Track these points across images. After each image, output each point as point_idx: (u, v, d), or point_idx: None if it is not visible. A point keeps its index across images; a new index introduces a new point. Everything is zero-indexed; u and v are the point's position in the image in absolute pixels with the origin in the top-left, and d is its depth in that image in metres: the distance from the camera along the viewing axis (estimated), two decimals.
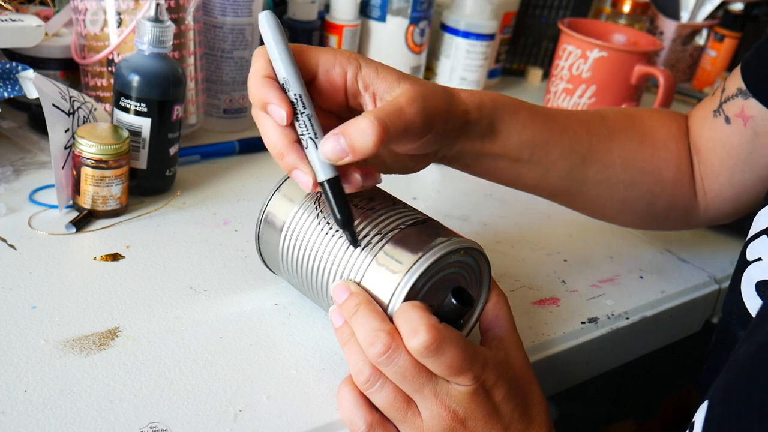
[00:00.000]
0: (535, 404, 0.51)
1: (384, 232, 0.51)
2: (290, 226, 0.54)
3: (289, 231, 0.54)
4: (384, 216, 0.52)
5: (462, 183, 0.87)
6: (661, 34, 1.29)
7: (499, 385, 0.49)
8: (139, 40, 0.67)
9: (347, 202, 0.49)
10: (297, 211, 0.54)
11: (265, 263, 0.59)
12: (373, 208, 0.52)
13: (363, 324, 0.48)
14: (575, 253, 0.75)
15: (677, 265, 0.77)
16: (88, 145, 0.64)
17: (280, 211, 0.55)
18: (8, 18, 0.70)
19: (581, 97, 1.08)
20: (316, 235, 0.53)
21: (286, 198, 0.55)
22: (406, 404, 0.48)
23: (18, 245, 0.62)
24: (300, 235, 0.54)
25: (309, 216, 0.54)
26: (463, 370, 0.47)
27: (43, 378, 0.49)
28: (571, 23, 1.10)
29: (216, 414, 0.48)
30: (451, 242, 0.50)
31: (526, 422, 0.50)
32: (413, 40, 1.05)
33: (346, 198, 0.49)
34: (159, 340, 0.54)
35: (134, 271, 0.61)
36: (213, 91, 0.87)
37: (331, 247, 0.52)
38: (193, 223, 0.70)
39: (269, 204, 0.56)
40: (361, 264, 0.50)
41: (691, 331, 0.77)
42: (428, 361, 0.46)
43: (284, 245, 0.55)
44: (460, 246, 0.50)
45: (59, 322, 0.54)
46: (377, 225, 0.51)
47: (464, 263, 0.52)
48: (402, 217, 0.52)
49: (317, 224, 0.53)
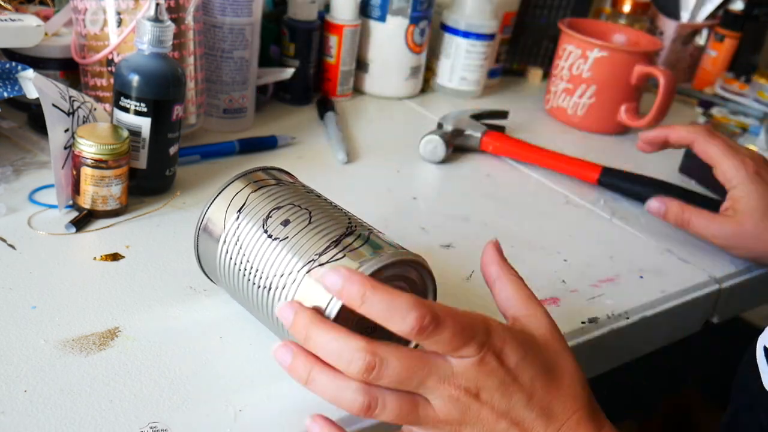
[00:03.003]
0: (564, 373, 0.48)
1: (295, 268, 0.49)
2: (228, 234, 0.53)
3: (227, 239, 0.53)
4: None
5: (462, 183, 0.87)
6: (661, 34, 1.29)
7: (510, 349, 0.46)
8: (139, 39, 0.67)
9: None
10: (237, 218, 0.53)
11: (205, 273, 0.58)
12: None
13: (325, 343, 0.44)
14: (575, 253, 0.75)
15: (677, 265, 0.77)
16: (88, 145, 0.64)
17: (219, 218, 0.54)
18: (8, 18, 0.70)
19: (581, 97, 1.08)
20: (254, 242, 0.51)
21: (227, 203, 0.54)
22: (415, 405, 0.45)
23: (18, 245, 0.62)
24: (239, 244, 0.52)
25: (250, 223, 0.52)
26: (466, 338, 0.44)
27: (43, 378, 0.49)
28: (571, 23, 1.10)
29: (216, 414, 0.48)
30: (393, 254, 0.48)
31: (554, 392, 0.47)
32: (413, 40, 1.05)
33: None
34: (159, 339, 0.54)
35: (134, 271, 0.61)
36: (213, 91, 0.87)
37: (269, 254, 0.50)
38: (192, 222, 0.69)
39: (208, 210, 0.55)
40: (298, 271, 0.49)
41: (692, 331, 0.77)
42: (428, 341, 0.43)
43: (221, 254, 0.53)
44: (402, 258, 0.48)
45: (59, 322, 0.54)
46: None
47: (406, 278, 0.50)
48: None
49: (258, 232, 0.51)
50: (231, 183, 0.55)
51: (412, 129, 0.98)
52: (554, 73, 1.11)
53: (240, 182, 0.55)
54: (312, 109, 1.00)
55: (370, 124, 1.00)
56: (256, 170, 0.56)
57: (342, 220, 0.51)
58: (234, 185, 0.55)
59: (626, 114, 1.07)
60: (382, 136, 0.97)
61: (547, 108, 1.13)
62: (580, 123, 1.09)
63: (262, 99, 0.97)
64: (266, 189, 0.54)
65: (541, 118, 1.12)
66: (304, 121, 0.97)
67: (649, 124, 1.04)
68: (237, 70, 0.87)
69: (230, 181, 0.55)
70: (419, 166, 0.89)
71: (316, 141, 0.91)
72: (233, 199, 0.54)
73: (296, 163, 0.85)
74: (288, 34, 0.98)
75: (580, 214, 0.85)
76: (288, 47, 0.98)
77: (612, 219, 0.84)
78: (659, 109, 1.02)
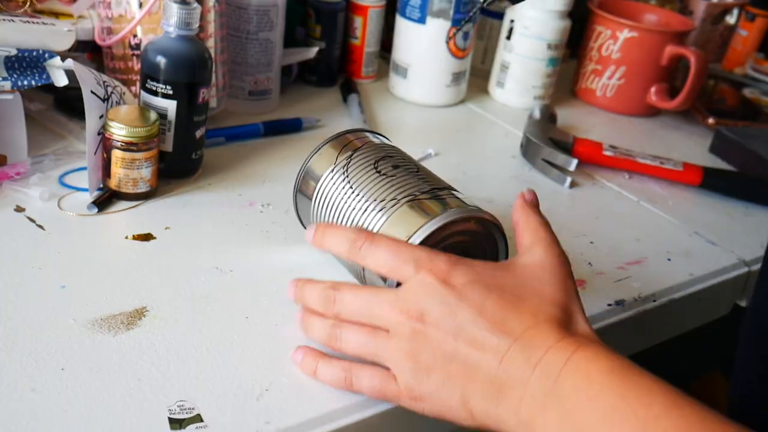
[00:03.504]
0: (532, 296, 0.47)
1: (399, 197, 0.55)
2: (320, 187, 0.60)
3: (320, 192, 0.60)
4: (403, 182, 0.56)
5: (486, 163, 0.87)
6: (691, 13, 1.27)
7: (459, 272, 0.47)
8: (165, 22, 0.67)
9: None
10: (328, 173, 0.60)
11: (302, 222, 0.64)
12: (394, 175, 0.57)
13: (307, 288, 0.52)
14: (602, 235, 0.75)
15: (706, 248, 0.76)
16: (118, 128, 0.65)
17: (315, 173, 0.61)
18: (41, 21, 0.71)
19: (610, 78, 1.06)
20: (341, 195, 0.58)
21: (323, 159, 0.61)
22: (372, 336, 0.49)
23: (47, 226, 0.63)
24: (328, 196, 0.59)
25: (361, 161, 0.59)
26: (401, 259, 0.48)
27: (72, 356, 0.50)
28: (601, 3, 1.09)
29: (242, 393, 0.49)
30: (460, 210, 0.53)
31: (509, 308, 0.46)
32: (456, 43, 0.97)
33: None
34: (186, 319, 0.55)
35: (161, 252, 0.62)
36: (238, 72, 0.87)
37: (351, 207, 0.57)
38: (218, 204, 0.70)
39: (307, 165, 0.61)
40: (375, 225, 0.55)
41: (720, 314, 0.76)
42: (364, 260, 0.50)
43: (315, 205, 0.60)
44: (470, 215, 0.53)
45: (88, 302, 0.55)
46: (395, 190, 0.55)
47: (476, 233, 0.55)
48: (420, 184, 0.56)
49: (343, 186, 0.58)
50: (345, 133, 0.62)
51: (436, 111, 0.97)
52: (583, 53, 1.09)
53: (353, 135, 0.62)
54: (337, 91, 1.00)
55: (394, 105, 1.00)
56: (366, 130, 0.64)
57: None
58: (346, 136, 0.62)
59: (656, 95, 1.05)
60: (407, 117, 0.97)
61: (575, 89, 1.12)
62: (609, 104, 1.08)
63: (287, 81, 0.97)
64: (380, 141, 0.63)
65: (569, 100, 1.11)
66: (329, 103, 0.97)
67: (680, 106, 1.03)
68: (262, 51, 0.87)
69: (344, 132, 0.63)
70: (441, 147, 0.89)
71: (340, 123, 0.91)
72: (346, 145, 0.61)
73: None
74: (314, 16, 0.97)
75: (607, 195, 0.84)
76: (314, 29, 0.98)
77: (639, 201, 0.83)
78: (690, 91, 1.01)
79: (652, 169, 0.87)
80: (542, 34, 0.99)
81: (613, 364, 0.43)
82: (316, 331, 0.52)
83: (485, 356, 0.45)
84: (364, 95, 1.00)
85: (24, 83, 0.67)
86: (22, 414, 0.45)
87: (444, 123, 0.97)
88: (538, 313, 0.46)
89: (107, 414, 0.46)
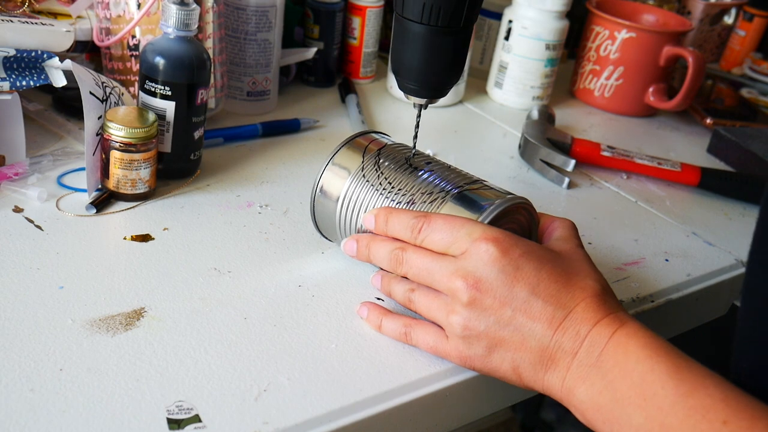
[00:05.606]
0: (576, 270, 0.50)
1: (447, 189, 0.57)
2: (348, 190, 0.60)
3: (347, 195, 0.60)
4: (444, 176, 0.58)
5: (486, 164, 0.87)
6: (689, 13, 1.27)
7: (514, 243, 0.49)
8: (164, 23, 0.67)
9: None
10: (353, 179, 0.60)
11: (321, 232, 0.64)
12: (432, 170, 0.59)
13: (377, 248, 0.55)
14: (600, 236, 0.75)
15: (703, 248, 0.76)
16: (117, 129, 0.65)
17: (336, 181, 0.60)
18: (39, 21, 0.71)
19: (608, 78, 1.06)
20: (376, 195, 0.59)
21: (340, 167, 0.61)
22: (437, 298, 0.51)
23: (45, 226, 0.63)
24: (359, 198, 0.59)
25: (366, 182, 0.59)
26: (456, 232, 0.50)
27: (70, 357, 0.50)
28: (599, 3, 1.09)
29: (240, 394, 0.49)
30: (517, 198, 0.56)
31: (561, 281, 0.49)
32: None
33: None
34: (184, 320, 0.55)
35: (159, 253, 0.62)
36: (236, 73, 0.87)
37: (395, 204, 0.58)
38: (217, 205, 0.70)
39: (323, 176, 0.61)
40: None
41: (717, 314, 0.76)
42: (423, 238, 0.52)
43: (341, 209, 0.60)
44: (524, 203, 0.56)
45: (86, 302, 0.55)
46: (441, 183, 0.57)
47: (521, 223, 0.57)
48: (461, 177, 0.58)
49: (379, 185, 0.59)
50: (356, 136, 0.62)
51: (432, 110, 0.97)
52: (581, 53, 1.10)
53: (363, 138, 0.63)
54: (335, 92, 1.00)
55: (393, 105, 1.00)
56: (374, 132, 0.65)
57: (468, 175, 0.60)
58: (358, 140, 0.62)
59: (654, 96, 1.06)
60: (405, 117, 0.97)
61: (573, 89, 1.12)
62: (607, 105, 1.08)
63: (285, 81, 0.97)
64: (392, 141, 0.64)
65: (567, 100, 1.11)
66: (327, 103, 0.97)
67: (678, 106, 1.03)
68: (260, 52, 0.87)
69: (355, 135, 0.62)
70: (439, 147, 0.89)
71: (339, 123, 0.91)
72: (366, 146, 0.61)
73: (319, 145, 0.85)
74: (312, 16, 0.98)
75: (605, 196, 0.84)
76: (312, 29, 0.98)
77: (637, 201, 0.83)
78: (688, 91, 1.01)
79: (650, 170, 0.87)
80: (540, 34, 0.99)
81: (649, 341, 0.47)
82: (393, 283, 0.56)
83: (540, 326, 0.48)
84: (363, 95, 1.00)
85: (22, 83, 0.67)
86: (20, 414, 0.45)
87: (442, 123, 0.97)
88: (586, 288, 0.49)
89: (106, 414, 0.46)
